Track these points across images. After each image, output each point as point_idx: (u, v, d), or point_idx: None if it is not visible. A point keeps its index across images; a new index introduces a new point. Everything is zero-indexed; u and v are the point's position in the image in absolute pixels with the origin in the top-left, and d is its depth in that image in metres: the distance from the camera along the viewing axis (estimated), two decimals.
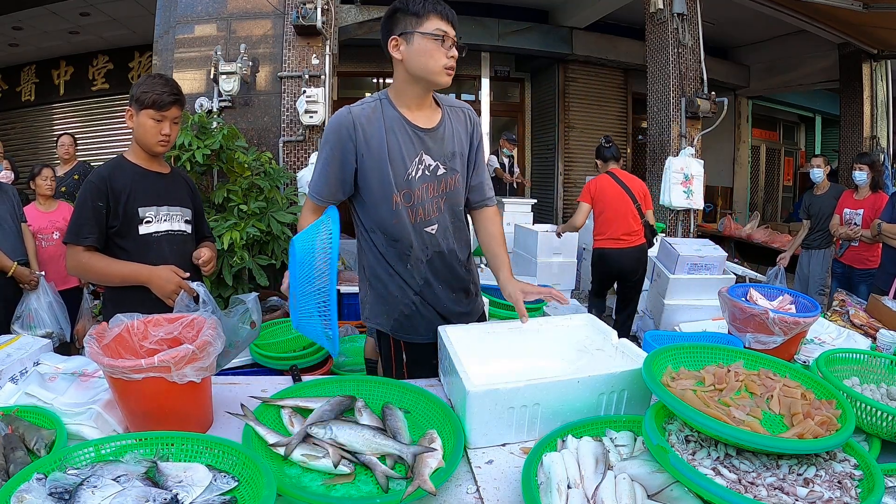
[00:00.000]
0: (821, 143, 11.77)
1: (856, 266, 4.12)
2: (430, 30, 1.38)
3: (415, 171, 1.47)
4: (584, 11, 7.64)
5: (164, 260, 1.75)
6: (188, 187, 1.94)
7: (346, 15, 5.05)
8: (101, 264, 1.70)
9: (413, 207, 1.49)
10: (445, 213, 1.54)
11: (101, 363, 1.07)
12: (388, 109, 1.47)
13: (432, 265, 1.56)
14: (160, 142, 1.74)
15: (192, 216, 1.90)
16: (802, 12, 6.59)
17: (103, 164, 1.81)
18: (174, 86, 1.75)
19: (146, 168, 1.80)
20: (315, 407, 1.16)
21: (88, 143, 7.53)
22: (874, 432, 1.11)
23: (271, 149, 4.36)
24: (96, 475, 0.86)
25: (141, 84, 1.72)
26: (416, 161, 1.47)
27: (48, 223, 3.61)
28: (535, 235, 4.94)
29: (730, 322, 1.62)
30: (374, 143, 1.44)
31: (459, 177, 1.54)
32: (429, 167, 1.49)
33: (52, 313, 3.32)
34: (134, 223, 1.74)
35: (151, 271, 1.71)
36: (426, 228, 1.52)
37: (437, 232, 1.54)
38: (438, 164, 1.50)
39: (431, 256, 1.55)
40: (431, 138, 1.49)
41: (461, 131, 1.55)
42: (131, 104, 1.73)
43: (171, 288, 1.70)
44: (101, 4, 6.30)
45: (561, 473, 0.94)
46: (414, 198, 1.48)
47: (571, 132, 8.60)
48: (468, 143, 1.57)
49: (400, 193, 1.47)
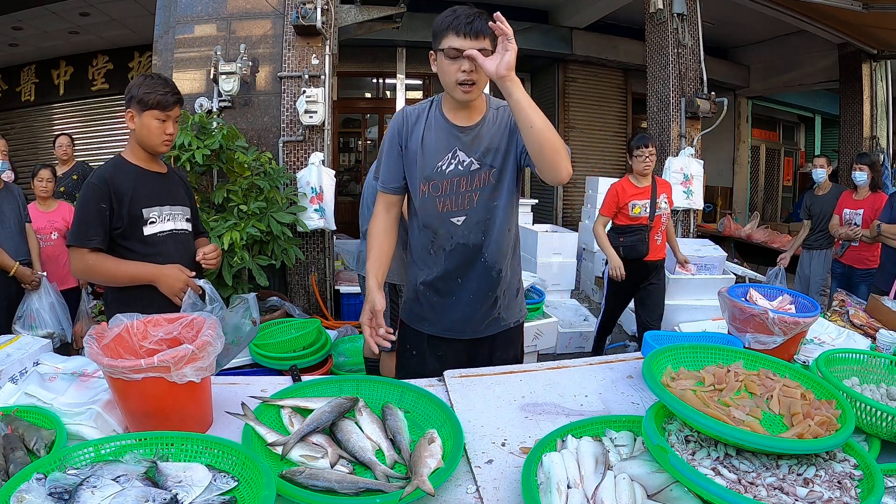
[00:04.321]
0: (820, 143, 11.76)
1: (856, 266, 4.12)
2: (444, 47, 1.43)
3: (446, 164, 1.55)
4: (584, 11, 7.63)
5: (171, 259, 1.76)
6: (184, 185, 1.96)
7: (346, 15, 5.05)
8: (109, 265, 1.70)
9: (441, 197, 1.56)
10: (479, 207, 1.57)
11: (100, 363, 1.07)
12: (434, 111, 1.59)
13: (454, 256, 1.59)
14: (164, 141, 1.76)
15: (191, 215, 1.92)
16: (802, 12, 6.59)
17: (103, 165, 1.80)
18: (173, 85, 1.76)
19: (146, 168, 1.80)
20: (315, 407, 1.16)
21: (88, 143, 7.53)
22: (874, 432, 1.11)
23: (271, 149, 4.36)
24: (96, 475, 0.86)
25: (140, 85, 1.71)
26: (450, 156, 1.55)
27: (47, 223, 3.61)
28: (535, 235, 4.94)
29: (729, 322, 1.62)
30: (414, 137, 1.58)
31: (496, 172, 1.56)
32: (462, 162, 1.55)
33: (54, 314, 3.32)
34: (139, 224, 1.74)
35: (159, 270, 1.72)
36: (452, 218, 1.57)
37: (462, 223, 1.57)
38: (472, 160, 1.54)
39: (455, 247, 1.59)
40: (467, 135, 1.55)
41: (502, 126, 1.57)
42: (131, 105, 1.72)
43: (179, 286, 1.71)
44: (101, 4, 6.29)
45: (561, 473, 0.94)
46: (442, 188, 1.56)
47: (571, 132, 8.59)
48: (508, 136, 1.56)
49: (428, 183, 1.56)
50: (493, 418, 1.25)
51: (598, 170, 8.33)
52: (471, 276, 1.61)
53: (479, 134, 1.55)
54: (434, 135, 1.56)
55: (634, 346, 4.10)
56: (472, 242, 1.59)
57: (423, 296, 1.66)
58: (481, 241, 1.59)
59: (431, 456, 1.01)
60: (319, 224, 4.17)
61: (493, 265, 1.62)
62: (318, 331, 3.05)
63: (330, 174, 4.24)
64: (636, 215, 3.49)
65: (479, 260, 1.60)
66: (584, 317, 4.60)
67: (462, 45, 1.40)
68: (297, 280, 4.53)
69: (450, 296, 1.63)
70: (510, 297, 1.69)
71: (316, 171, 4.17)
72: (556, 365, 1.60)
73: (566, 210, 8.58)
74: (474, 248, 1.59)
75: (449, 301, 1.64)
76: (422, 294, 1.66)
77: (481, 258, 1.60)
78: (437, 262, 1.62)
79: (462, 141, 1.55)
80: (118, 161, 1.79)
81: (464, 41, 1.40)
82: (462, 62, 1.42)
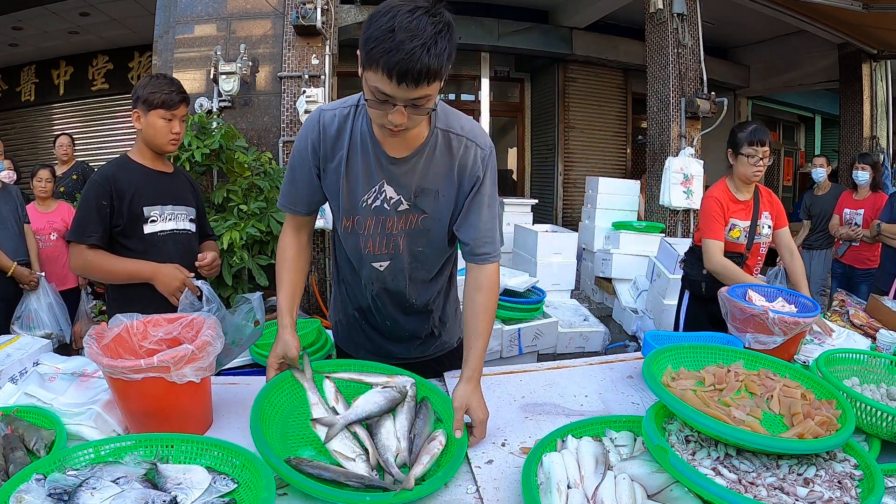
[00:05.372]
0: (820, 143, 11.77)
1: (856, 266, 4.13)
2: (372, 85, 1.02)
3: (372, 198, 1.26)
4: (584, 11, 7.63)
5: (170, 258, 1.76)
6: (191, 186, 1.96)
7: (346, 15, 5.05)
8: (106, 262, 1.71)
9: (363, 237, 1.31)
10: (404, 252, 1.33)
11: (100, 363, 1.07)
12: (360, 121, 1.23)
13: (381, 297, 1.42)
14: (171, 140, 1.78)
15: (195, 215, 1.92)
16: (802, 12, 6.59)
17: (107, 164, 1.83)
18: (179, 84, 1.78)
19: (151, 168, 1.82)
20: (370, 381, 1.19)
21: (88, 143, 7.53)
22: (874, 432, 1.11)
23: (271, 149, 4.36)
24: (95, 476, 0.86)
25: (146, 85, 1.74)
26: (376, 189, 1.25)
27: (46, 224, 3.61)
28: (535, 235, 4.93)
29: (729, 322, 1.62)
30: (335, 158, 1.25)
31: (427, 219, 1.28)
32: (389, 199, 1.26)
33: (52, 314, 3.32)
34: (139, 222, 1.75)
35: (156, 268, 1.72)
36: (374, 263, 1.34)
37: (385, 269, 1.35)
38: (401, 199, 1.26)
39: (378, 291, 1.40)
40: (399, 167, 1.23)
41: (444, 166, 1.25)
42: (137, 106, 1.75)
43: (176, 285, 1.71)
44: (101, 4, 6.29)
45: (561, 473, 0.94)
46: (366, 227, 1.29)
47: (571, 132, 8.59)
48: (452, 182, 1.26)
49: (352, 218, 1.29)
50: (493, 418, 1.25)
51: (598, 170, 8.34)
52: (403, 314, 1.45)
53: (414, 169, 1.23)
54: (360, 160, 1.24)
55: (634, 346, 4.10)
56: (395, 290, 1.39)
57: (358, 323, 1.49)
58: (404, 288, 1.39)
59: (428, 453, 1.03)
60: (319, 224, 4.17)
61: (424, 305, 1.45)
62: (318, 331, 3.04)
63: None
64: (733, 239, 2.46)
65: (406, 303, 1.42)
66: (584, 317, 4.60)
67: (394, 94, 1.01)
68: None
69: (385, 328, 1.47)
70: (451, 321, 1.55)
71: None
72: (556, 365, 1.61)
73: (566, 210, 8.58)
74: (398, 294, 1.40)
75: (385, 331, 1.48)
76: (354, 321, 1.49)
77: (408, 301, 1.42)
78: (366, 297, 1.43)
79: (391, 173, 1.24)
80: (123, 160, 1.82)
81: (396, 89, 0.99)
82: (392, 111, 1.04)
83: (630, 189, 5.76)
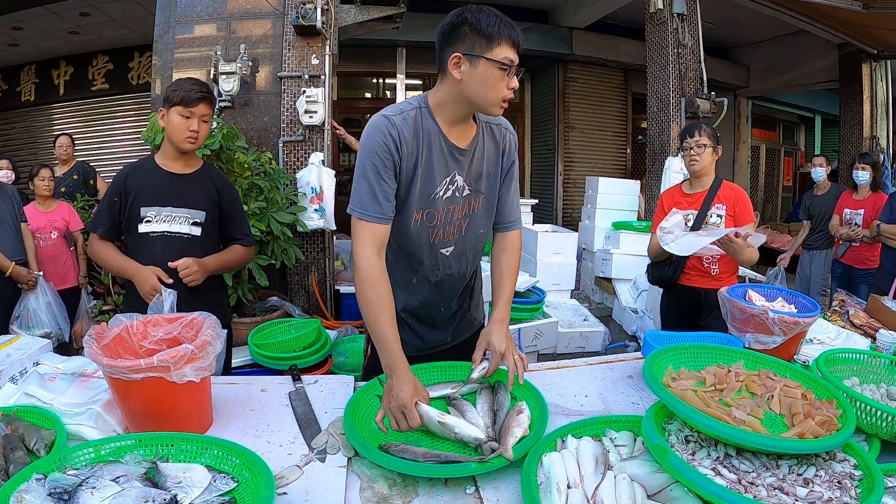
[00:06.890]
0: (820, 143, 11.76)
1: (856, 266, 4.12)
2: (499, 58, 1.22)
3: (443, 191, 1.38)
4: (584, 11, 7.63)
5: (154, 260, 1.79)
6: (214, 190, 1.91)
7: (346, 15, 5.05)
8: (105, 254, 1.83)
9: (434, 227, 1.41)
10: (467, 235, 1.46)
11: (100, 363, 1.07)
12: (426, 120, 1.34)
13: (439, 286, 1.50)
14: (188, 138, 1.80)
15: (206, 219, 1.88)
16: (802, 12, 6.59)
17: (132, 161, 1.95)
18: (203, 84, 1.82)
19: (165, 168, 1.85)
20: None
21: (88, 143, 7.53)
22: (874, 432, 1.11)
23: (271, 149, 4.36)
24: (96, 476, 0.86)
25: (172, 85, 1.81)
26: (448, 181, 1.37)
27: (47, 223, 3.62)
28: (535, 235, 4.94)
29: (729, 322, 1.62)
30: (411, 156, 1.33)
31: (483, 199, 1.44)
32: (459, 188, 1.39)
33: (51, 313, 3.32)
34: (136, 221, 1.81)
35: (138, 269, 1.77)
36: (442, 250, 1.44)
37: (451, 254, 1.46)
38: (465, 186, 1.40)
39: (441, 278, 1.48)
40: (465, 157, 1.38)
41: (493, 151, 1.44)
42: (163, 105, 1.80)
43: (146, 290, 1.74)
44: (101, 4, 6.29)
45: (561, 473, 0.94)
46: (437, 218, 1.40)
47: (571, 132, 8.59)
48: (499, 164, 1.46)
49: (423, 212, 1.38)
50: None
51: (598, 170, 8.34)
52: (455, 295, 1.55)
53: (475, 157, 1.40)
54: (434, 155, 1.34)
55: (634, 346, 4.10)
56: (458, 272, 1.50)
57: (405, 322, 1.53)
58: (466, 269, 1.52)
59: (519, 425, 1.11)
60: (319, 224, 4.17)
61: (470, 280, 1.59)
62: (318, 331, 3.05)
63: (330, 174, 4.23)
64: None
65: (462, 283, 1.55)
66: (584, 317, 4.60)
67: (516, 60, 1.25)
68: (297, 280, 4.52)
69: (431, 320, 1.56)
70: (476, 294, 1.66)
71: (316, 171, 4.16)
72: (556, 365, 1.61)
73: (566, 210, 8.58)
74: (460, 277, 1.51)
75: (430, 322, 1.56)
76: (402, 321, 1.50)
77: (464, 281, 1.55)
78: (421, 292, 1.50)
79: (460, 164, 1.38)
80: (144, 159, 1.90)
81: (516, 55, 1.25)
82: (513, 78, 1.25)
83: (630, 189, 5.76)
